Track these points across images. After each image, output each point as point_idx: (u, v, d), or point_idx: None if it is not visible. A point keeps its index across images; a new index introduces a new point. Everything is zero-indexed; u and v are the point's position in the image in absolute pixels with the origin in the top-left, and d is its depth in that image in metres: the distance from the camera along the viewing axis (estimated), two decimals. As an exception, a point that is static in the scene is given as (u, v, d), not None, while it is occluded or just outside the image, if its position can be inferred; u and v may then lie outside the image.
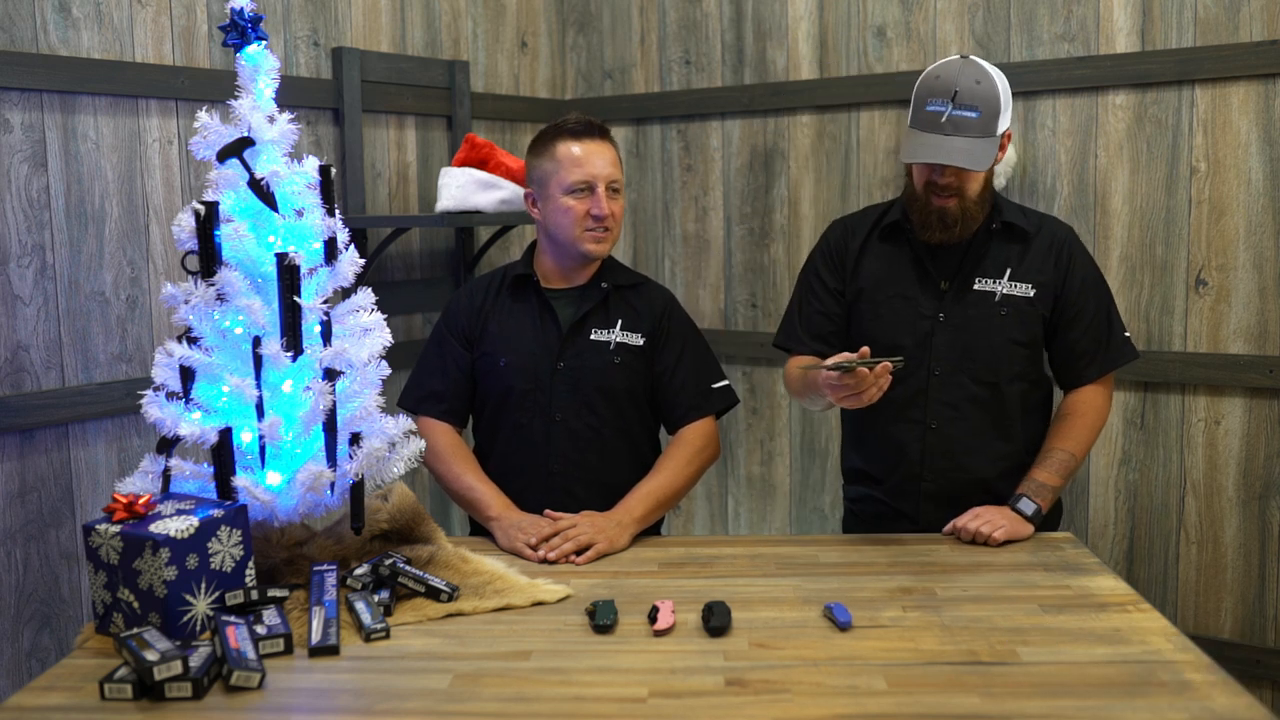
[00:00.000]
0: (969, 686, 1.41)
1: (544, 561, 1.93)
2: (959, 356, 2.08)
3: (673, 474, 2.14)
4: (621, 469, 2.17)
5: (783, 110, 3.15)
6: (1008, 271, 2.09)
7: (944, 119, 1.96)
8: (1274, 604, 2.64)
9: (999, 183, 2.80)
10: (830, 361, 1.85)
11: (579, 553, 1.94)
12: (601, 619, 1.61)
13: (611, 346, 2.19)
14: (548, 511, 2.05)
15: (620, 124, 3.39)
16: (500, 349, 2.20)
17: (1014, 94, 2.82)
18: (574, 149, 2.14)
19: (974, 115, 1.96)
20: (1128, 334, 2.15)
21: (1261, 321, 2.60)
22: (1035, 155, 2.83)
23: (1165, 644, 1.52)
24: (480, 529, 2.17)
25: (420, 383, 2.26)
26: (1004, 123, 2.01)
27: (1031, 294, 2.08)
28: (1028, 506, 2.02)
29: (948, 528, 2.04)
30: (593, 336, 2.19)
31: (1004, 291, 2.08)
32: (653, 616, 1.62)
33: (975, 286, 2.09)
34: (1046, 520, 2.07)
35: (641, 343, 2.20)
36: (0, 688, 2.14)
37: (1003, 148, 2.05)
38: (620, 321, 2.20)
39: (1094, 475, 2.82)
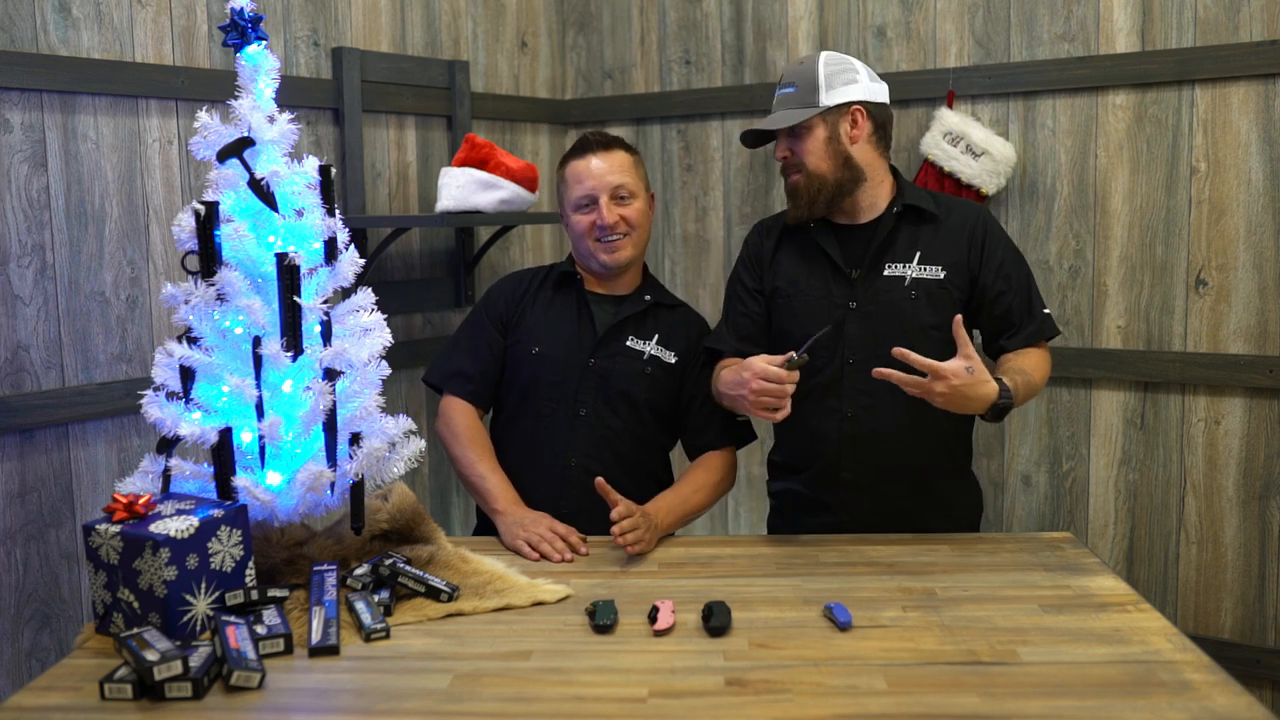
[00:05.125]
0: (969, 686, 1.41)
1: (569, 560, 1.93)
2: (872, 343, 2.06)
3: (705, 494, 2.16)
4: (632, 476, 2.18)
5: (783, 110, 3.15)
6: (917, 255, 2.09)
7: (775, 100, 2.15)
8: (1274, 604, 2.64)
9: (998, 183, 2.80)
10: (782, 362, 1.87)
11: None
12: (601, 619, 1.61)
13: (645, 357, 2.22)
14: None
15: (620, 124, 3.39)
16: (534, 337, 2.23)
17: (1014, 94, 2.84)
18: (576, 166, 2.22)
19: (792, 90, 2.11)
20: (1047, 310, 2.14)
21: (1261, 321, 2.60)
22: (1035, 155, 2.83)
23: (1165, 644, 1.52)
24: (484, 522, 2.19)
25: (450, 360, 2.28)
26: (829, 96, 2.08)
27: (942, 275, 2.08)
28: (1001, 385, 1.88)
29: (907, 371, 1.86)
30: (628, 343, 2.22)
31: (913, 275, 2.09)
32: (653, 616, 1.62)
33: (885, 272, 2.10)
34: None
35: (674, 361, 2.23)
36: (0, 688, 2.14)
37: (856, 124, 2.09)
38: (658, 336, 2.23)
39: (1094, 475, 2.82)
